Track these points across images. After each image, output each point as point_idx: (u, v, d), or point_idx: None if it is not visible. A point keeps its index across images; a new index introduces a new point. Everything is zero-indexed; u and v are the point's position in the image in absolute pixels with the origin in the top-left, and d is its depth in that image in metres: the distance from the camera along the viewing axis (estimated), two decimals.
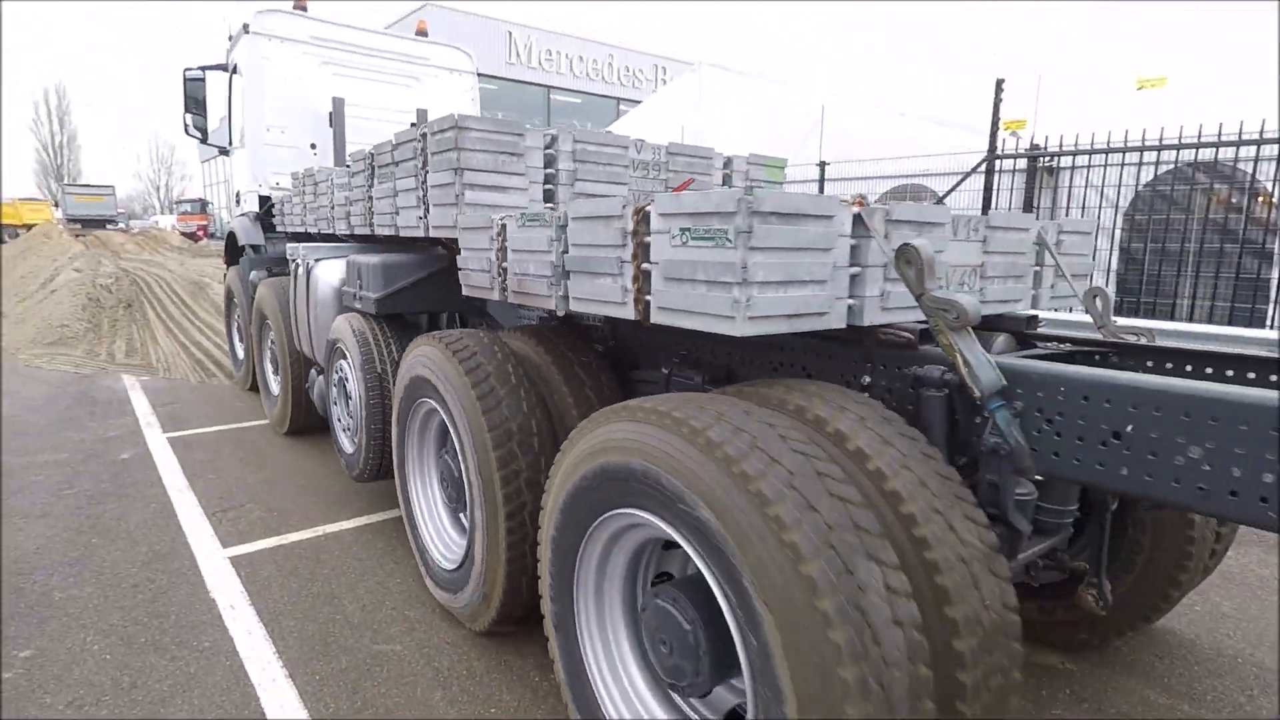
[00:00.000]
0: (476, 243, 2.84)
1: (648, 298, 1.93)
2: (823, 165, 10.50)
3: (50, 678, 2.61)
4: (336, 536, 3.80)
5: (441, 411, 2.84)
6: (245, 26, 6.26)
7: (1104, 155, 7.64)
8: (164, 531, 3.84)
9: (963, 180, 8.76)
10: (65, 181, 51.10)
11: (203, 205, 39.19)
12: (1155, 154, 7.24)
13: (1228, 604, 3.26)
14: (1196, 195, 7.24)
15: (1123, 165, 7.59)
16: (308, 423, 5.43)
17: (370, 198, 3.90)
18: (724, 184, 3.90)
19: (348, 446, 4.14)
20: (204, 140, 7.39)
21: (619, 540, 2.03)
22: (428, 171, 3.16)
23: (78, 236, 22.99)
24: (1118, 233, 7.83)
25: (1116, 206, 7.77)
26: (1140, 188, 7.64)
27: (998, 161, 8.46)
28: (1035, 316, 2.54)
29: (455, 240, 3.05)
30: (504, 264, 2.64)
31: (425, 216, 3.24)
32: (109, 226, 34.61)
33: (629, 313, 2.01)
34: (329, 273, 4.47)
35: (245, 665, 2.69)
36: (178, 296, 12.06)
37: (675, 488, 1.62)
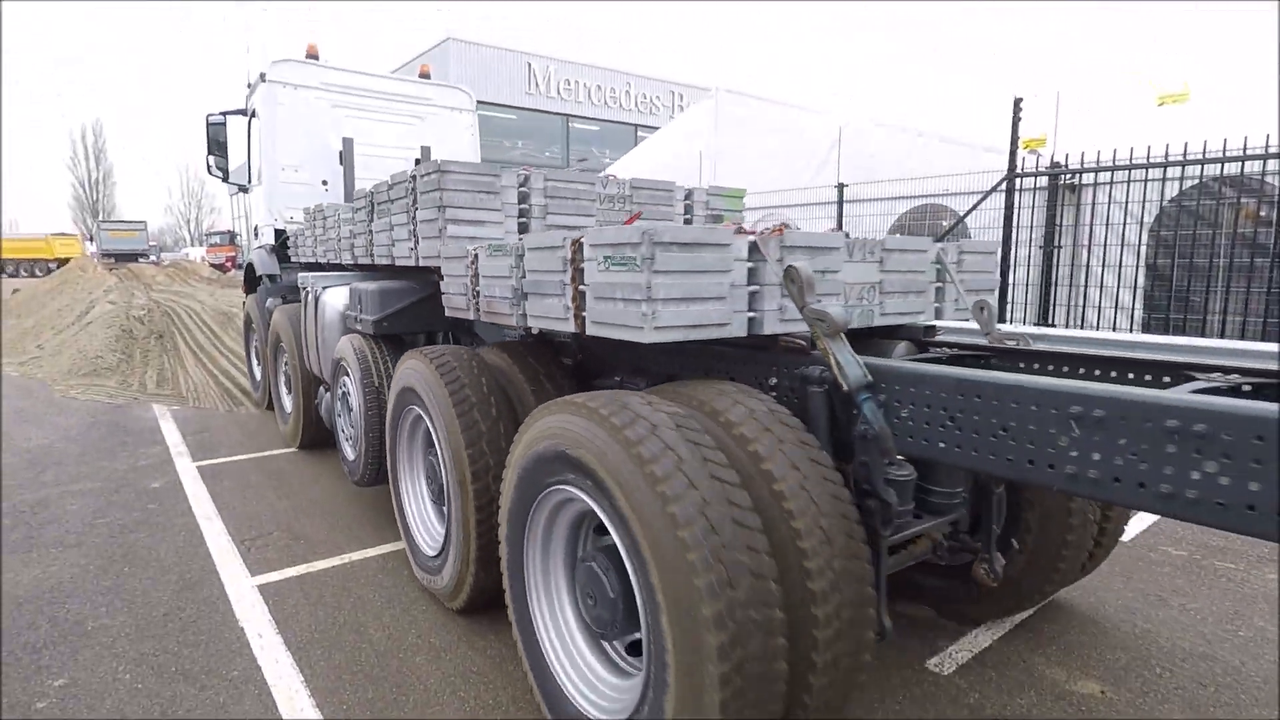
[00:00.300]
0: (455, 270, 3.21)
1: (583, 314, 2.29)
2: (841, 187, 10.51)
3: (83, 707, 2.66)
4: (362, 564, 3.83)
5: (425, 417, 3.22)
6: (262, 76, 6.74)
7: (1126, 171, 7.57)
8: (193, 560, 3.89)
9: (983, 199, 8.72)
10: (100, 218, 52.53)
11: (231, 237, 40.01)
12: (1180, 169, 7.16)
13: (1273, 628, 3.16)
14: (1224, 210, 7.13)
15: (1146, 181, 7.52)
16: (317, 436, 5.80)
17: (370, 231, 4.26)
18: (685, 214, 4.22)
19: (350, 454, 4.52)
20: (225, 179, 7.91)
21: (559, 513, 2.41)
22: (417, 209, 3.51)
23: (111, 270, 23.59)
24: (1143, 249, 7.72)
25: (1141, 223, 7.67)
26: (1165, 203, 7.54)
27: (1018, 180, 8.40)
28: (933, 326, 2.89)
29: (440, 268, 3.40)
30: (477, 288, 2.99)
31: (415, 248, 3.58)
32: (141, 260, 35.50)
33: (570, 326, 2.36)
34: (335, 299, 4.85)
35: (273, 694, 2.71)
36: (207, 327, 12.31)
37: (581, 456, 2.04)
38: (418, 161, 4.86)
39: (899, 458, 2.05)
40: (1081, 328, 8.09)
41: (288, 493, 5.00)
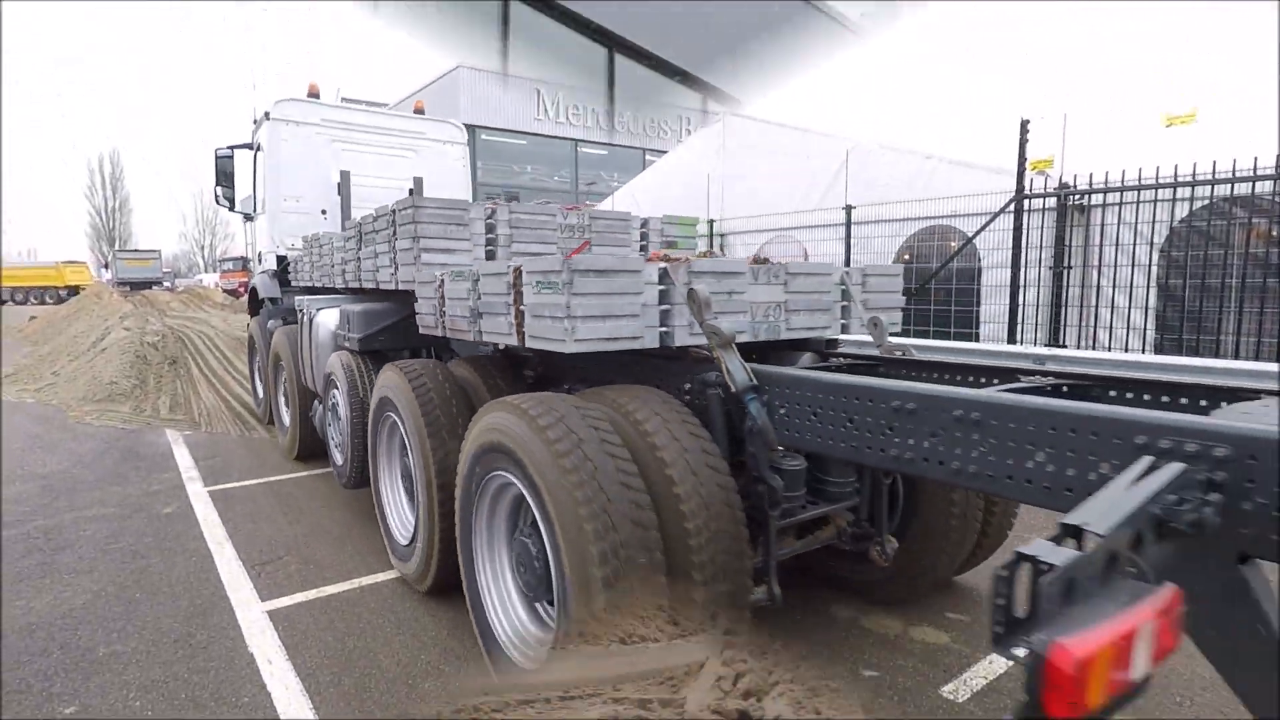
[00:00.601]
0: (427, 293, 3.64)
1: (523, 329, 2.71)
2: (849, 210, 10.56)
3: None
4: (373, 589, 3.85)
5: (399, 423, 3.66)
6: (266, 114, 7.35)
7: (1135, 192, 7.58)
8: (204, 585, 3.93)
9: (991, 220, 8.75)
10: (117, 246, 53.27)
11: (244, 263, 40.31)
12: (1189, 189, 7.16)
13: None
14: (1234, 230, 7.11)
15: (1155, 201, 7.53)
16: (313, 447, 6.18)
17: (359, 258, 4.71)
18: (642, 242, 4.59)
19: (338, 459, 4.97)
20: (231, 208, 8.54)
21: (500, 498, 2.84)
22: (396, 239, 3.94)
23: (126, 297, 23.90)
24: (1154, 270, 7.70)
25: (1151, 243, 7.67)
26: (1176, 224, 7.53)
27: (1026, 201, 8.42)
28: (835, 340, 3.37)
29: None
30: (444, 309, 3.42)
31: (395, 273, 4.02)
32: (155, 287, 35.95)
33: (514, 340, 2.79)
34: (327, 319, 5.29)
35: None
36: (219, 351, 12.49)
37: (510, 446, 2.46)
38: (411, 192, 5.20)
39: (783, 449, 2.42)
40: (1093, 348, 8.05)
41: (298, 517, 5.04)
